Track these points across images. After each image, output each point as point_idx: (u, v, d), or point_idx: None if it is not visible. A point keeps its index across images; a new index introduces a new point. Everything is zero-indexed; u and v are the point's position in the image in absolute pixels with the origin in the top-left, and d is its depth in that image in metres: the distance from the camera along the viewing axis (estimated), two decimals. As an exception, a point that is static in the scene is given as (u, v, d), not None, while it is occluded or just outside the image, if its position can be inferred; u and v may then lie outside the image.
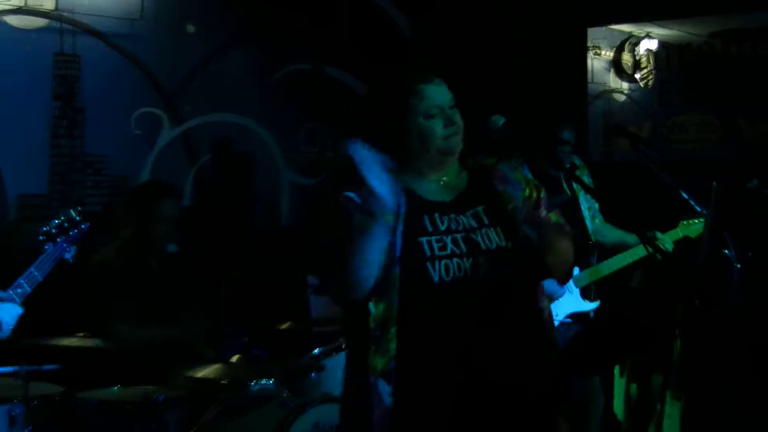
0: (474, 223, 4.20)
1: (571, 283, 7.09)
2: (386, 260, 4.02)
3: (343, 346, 6.47)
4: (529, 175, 4.49)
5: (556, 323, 5.94)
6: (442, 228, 4.14)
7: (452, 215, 4.19)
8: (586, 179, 7.57)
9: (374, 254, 3.96)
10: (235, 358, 6.83)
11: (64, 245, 4.82)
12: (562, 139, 7.35)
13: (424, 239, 4.09)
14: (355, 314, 4.11)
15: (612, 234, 7.46)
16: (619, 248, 7.35)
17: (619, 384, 7.61)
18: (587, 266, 7.28)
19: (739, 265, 6.17)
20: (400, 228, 4.06)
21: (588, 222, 7.47)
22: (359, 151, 3.86)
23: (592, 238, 7.40)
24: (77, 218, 4.87)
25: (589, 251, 7.29)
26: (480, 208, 4.25)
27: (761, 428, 6.35)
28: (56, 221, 4.86)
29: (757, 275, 6.24)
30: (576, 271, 7.14)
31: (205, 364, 6.66)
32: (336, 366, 6.84)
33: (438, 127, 4.17)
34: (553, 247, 4.27)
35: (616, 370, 7.44)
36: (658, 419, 7.49)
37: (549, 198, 4.47)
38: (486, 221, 4.22)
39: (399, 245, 4.04)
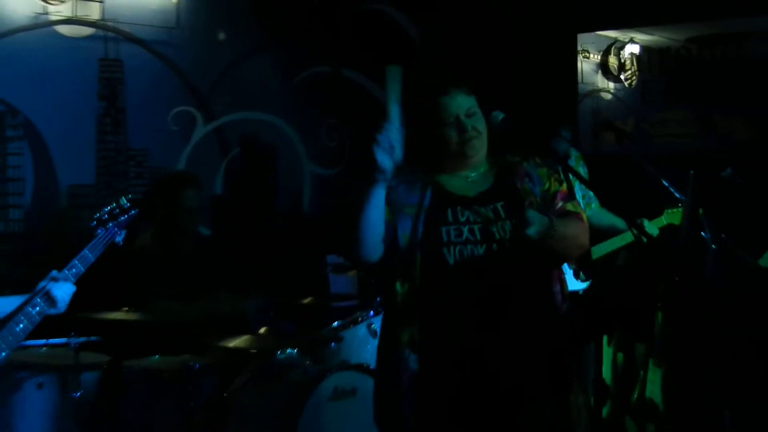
0: (492, 216, 4.27)
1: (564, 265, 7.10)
2: (409, 245, 4.15)
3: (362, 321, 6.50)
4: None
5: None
6: (462, 219, 4.24)
7: (474, 208, 4.28)
8: (582, 170, 7.59)
9: (373, 216, 4.08)
10: (262, 330, 6.92)
11: (115, 230, 4.83)
12: (561, 135, 7.38)
13: (443, 228, 4.20)
14: (387, 292, 4.24)
15: (606, 219, 7.46)
16: (611, 233, 7.35)
17: (607, 353, 7.65)
18: None
19: (714, 246, 6.19)
20: (422, 217, 4.18)
21: (592, 203, 7.49)
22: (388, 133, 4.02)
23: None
24: (127, 205, 4.89)
25: None
26: (499, 204, 4.32)
27: (735, 391, 6.37)
28: (107, 208, 4.88)
29: (730, 255, 6.26)
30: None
31: (235, 335, 6.67)
32: (352, 337, 6.92)
33: (452, 135, 4.28)
34: (565, 235, 4.26)
35: (605, 340, 7.46)
36: (641, 384, 7.52)
37: None
38: (503, 215, 4.28)
39: (420, 232, 4.17)
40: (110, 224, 4.87)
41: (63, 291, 4.53)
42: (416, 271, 4.16)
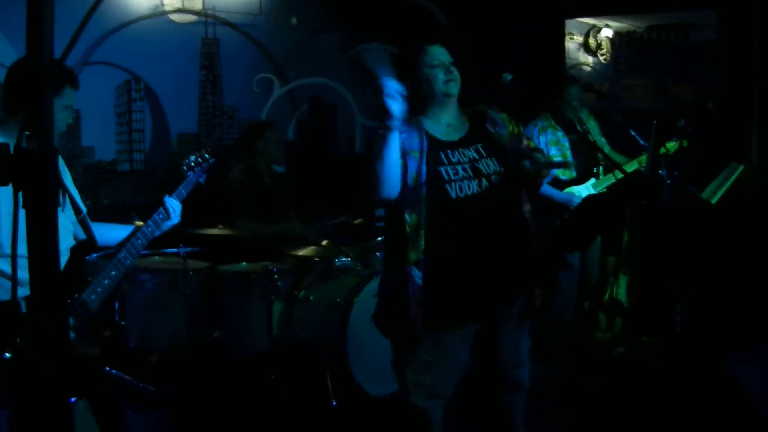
0: (476, 155, 4.21)
1: (593, 190, 7.08)
2: (416, 183, 4.06)
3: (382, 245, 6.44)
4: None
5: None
6: (454, 160, 4.16)
7: (460, 149, 4.21)
8: (594, 122, 7.50)
9: (393, 157, 3.97)
10: (324, 242, 6.85)
11: (200, 173, 4.85)
12: (572, 90, 7.32)
13: (442, 168, 4.11)
14: (396, 222, 4.11)
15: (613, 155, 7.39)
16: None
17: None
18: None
19: (669, 181, 6.10)
20: (424, 159, 4.09)
21: (605, 146, 7.40)
22: (389, 83, 3.91)
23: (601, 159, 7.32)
24: (207, 156, 4.89)
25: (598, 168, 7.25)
26: (479, 145, 4.25)
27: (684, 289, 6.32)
28: (193, 157, 4.89)
29: (681, 188, 6.18)
30: (593, 180, 7.17)
31: (304, 246, 6.64)
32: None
33: (440, 75, 4.19)
34: (537, 167, 4.23)
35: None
36: (611, 287, 7.45)
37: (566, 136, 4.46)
38: (484, 153, 4.23)
39: (424, 173, 4.07)
40: (197, 169, 4.89)
41: (174, 205, 4.59)
42: (422, 204, 4.07)
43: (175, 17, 8.20)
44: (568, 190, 7.15)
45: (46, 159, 2.05)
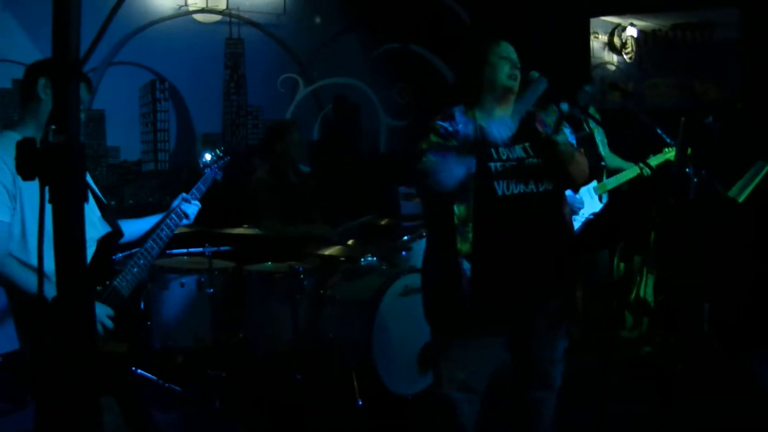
0: (524, 154, 4.25)
1: (594, 193, 7.03)
2: (466, 175, 4.08)
3: (425, 236, 6.39)
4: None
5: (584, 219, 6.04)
6: (503, 156, 4.20)
7: (510, 147, 4.24)
8: (601, 130, 7.51)
9: (455, 168, 4.02)
10: (350, 242, 6.85)
11: (216, 170, 4.93)
12: (585, 89, 7.29)
13: (491, 164, 4.16)
14: (445, 214, 4.16)
15: (613, 161, 7.37)
16: (618, 171, 7.26)
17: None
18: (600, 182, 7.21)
19: (696, 179, 6.05)
20: (475, 154, 4.11)
21: (602, 149, 7.37)
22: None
23: (605, 162, 7.31)
24: (221, 154, 4.97)
25: (601, 172, 7.22)
26: (527, 144, 4.29)
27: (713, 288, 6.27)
28: (208, 154, 5.00)
29: (708, 186, 6.13)
30: (594, 183, 7.10)
31: (330, 245, 6.63)
32: (419, 248, 6.84)
33: (506, 67, 4.25)
34: (579, 162, 4.34)
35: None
36: (638, 287, 7.40)
37: (573, 133, 4.58)
38: (531, 153, 4.27)
39: (474, 166, 4.09)
40: (214, 167, 5.00)
41: (192, 208, 4.78)
42: (471, 196, 4.11)
43: (199, 17, 8.21)
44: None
45: (73, 153, 2.03)
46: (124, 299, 4.17)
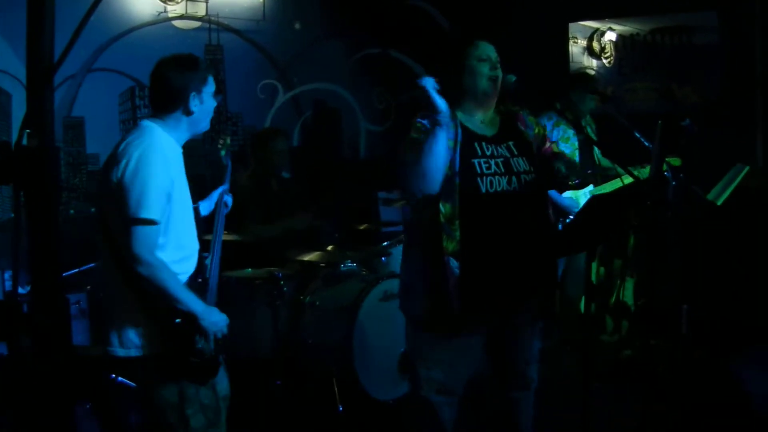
0: (507, 153, 4.28)
1: (589, 193, 7.13)
2: (449, 173, 4.11)
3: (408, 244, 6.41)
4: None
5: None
6: (488, 153, 4.23)
7: (493, 145, 4.26)
8: (593, 125, 7.61)
9: (440, 151, 4.02)
10: (330, 248, 6.84)
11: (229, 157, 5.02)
12: (576, 93, 7.35)
13: (475, 160, 4.18)
14: (430, 213, 4.15)
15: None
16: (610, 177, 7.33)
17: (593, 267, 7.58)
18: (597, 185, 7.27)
19: (674, 182, 6.08)
20: (458, 150, 4.15)
21: (598, 154, 7.44)
22: (429, 81, 3.97)
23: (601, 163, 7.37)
24: (228, 141, 5.03)
25: (597, 176, 7.28)
26: (511, 142, 4.32)
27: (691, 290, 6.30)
28: (221, 143, 5.06)
29: (685, 189, 6.16)
30: (591, 187, 7.21)
31: (309, 251, 6.63)
32: (398, 253, 6.79)
33: (485, 69, 4.26)
34: (570, 171, 4.49)
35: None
36: (618, 290, 7.44)
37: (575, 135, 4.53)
38: (516, 152, 4.31)
39: (458, 163, 4.14)
40: (229, 155, 5.22)
41: (229, 198, 4.98)
42: (456, 194, 4.11)
43: (178, 23, 8.18)
44: (567, 194, 7.16)
45: (47, 157, 2.04)
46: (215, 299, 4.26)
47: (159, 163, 3.75)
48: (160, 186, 3.72)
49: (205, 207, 4.81)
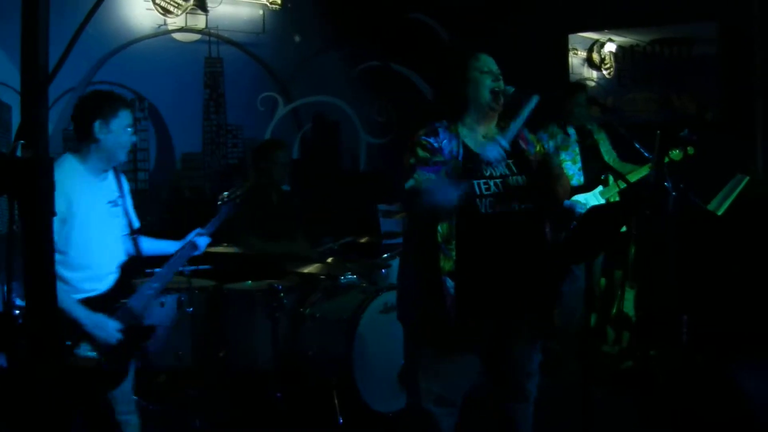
0: (507, 172, 4.24)
1: (600, 198, 7.38)
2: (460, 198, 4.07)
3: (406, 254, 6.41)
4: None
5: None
6: (486, 174, 4.16)
7: (493, 164, 4.15)
8: (603, 134, 7.80)
9: (450, 192, 4.02)
10: (330, 260, 6.82)
11: (231, 207, 5.16)
12: (577, 99, 7.38)
13: (475, 181, 4.12)
14: (427, 232, 4.13)
15: (624, 168, 7.46)
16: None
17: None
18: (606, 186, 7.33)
19: (674, 193, 6.08)
20: (467, 179, 4.10)
21: (608, 159, 7.49)
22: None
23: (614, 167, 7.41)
24: (239, 192, 5.28)
25: (606, 179, 7.32)
26: (510, 161, 4.26)
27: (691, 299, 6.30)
28: (227, 193, 5.27)
29: (685, 199, 6.16)
30: (600, 188, 7.36)
31: (309, 263, 6.62)
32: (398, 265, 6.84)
33: (488, 81, 4.23)
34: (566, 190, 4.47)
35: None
36: (619, 301, 7.42)
37: (576, 141, 4.60)
38: (515, 170, 4.26)
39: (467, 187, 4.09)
40: (230, 204, 5.37)
41: (204, 242, 5.17)
42: (453, 215, 4.09)
43: (178, 36, 8.20)
44: (575, 197, 7.17)
45: (41, 168, 2.04)
46: (136, 318, 4.45)
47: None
48: None
49: (175, 246, 5.09)
